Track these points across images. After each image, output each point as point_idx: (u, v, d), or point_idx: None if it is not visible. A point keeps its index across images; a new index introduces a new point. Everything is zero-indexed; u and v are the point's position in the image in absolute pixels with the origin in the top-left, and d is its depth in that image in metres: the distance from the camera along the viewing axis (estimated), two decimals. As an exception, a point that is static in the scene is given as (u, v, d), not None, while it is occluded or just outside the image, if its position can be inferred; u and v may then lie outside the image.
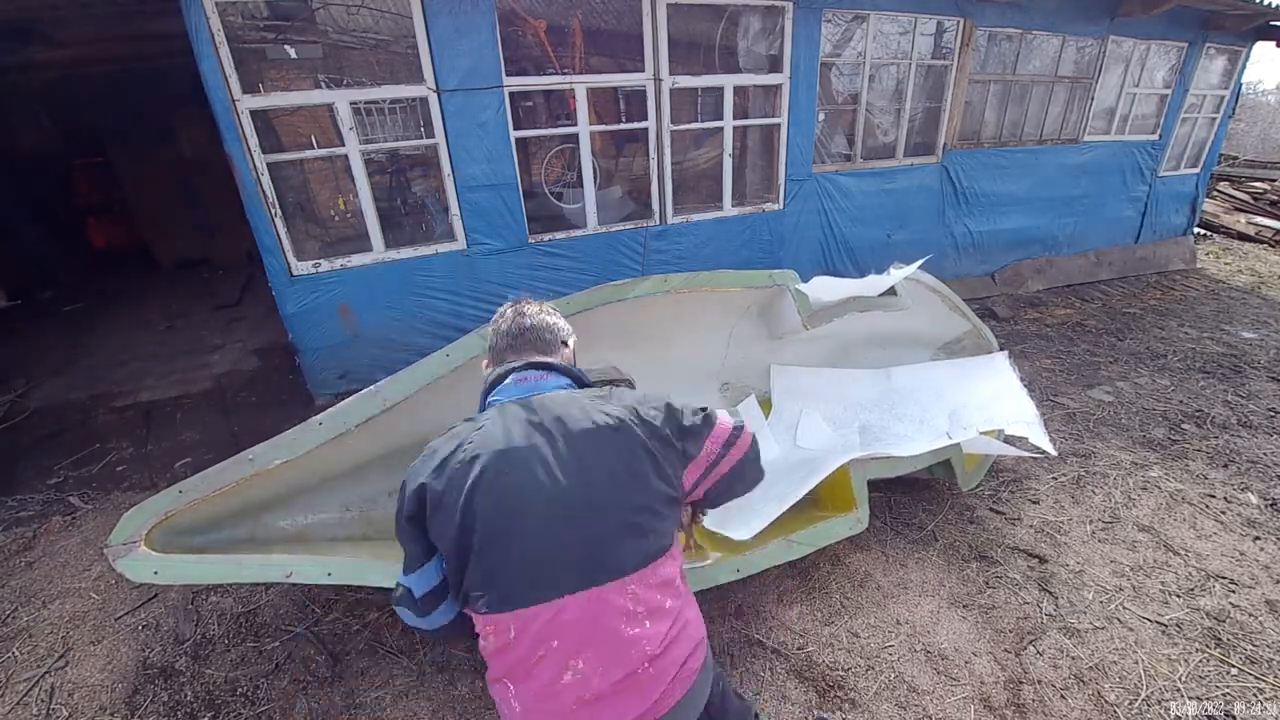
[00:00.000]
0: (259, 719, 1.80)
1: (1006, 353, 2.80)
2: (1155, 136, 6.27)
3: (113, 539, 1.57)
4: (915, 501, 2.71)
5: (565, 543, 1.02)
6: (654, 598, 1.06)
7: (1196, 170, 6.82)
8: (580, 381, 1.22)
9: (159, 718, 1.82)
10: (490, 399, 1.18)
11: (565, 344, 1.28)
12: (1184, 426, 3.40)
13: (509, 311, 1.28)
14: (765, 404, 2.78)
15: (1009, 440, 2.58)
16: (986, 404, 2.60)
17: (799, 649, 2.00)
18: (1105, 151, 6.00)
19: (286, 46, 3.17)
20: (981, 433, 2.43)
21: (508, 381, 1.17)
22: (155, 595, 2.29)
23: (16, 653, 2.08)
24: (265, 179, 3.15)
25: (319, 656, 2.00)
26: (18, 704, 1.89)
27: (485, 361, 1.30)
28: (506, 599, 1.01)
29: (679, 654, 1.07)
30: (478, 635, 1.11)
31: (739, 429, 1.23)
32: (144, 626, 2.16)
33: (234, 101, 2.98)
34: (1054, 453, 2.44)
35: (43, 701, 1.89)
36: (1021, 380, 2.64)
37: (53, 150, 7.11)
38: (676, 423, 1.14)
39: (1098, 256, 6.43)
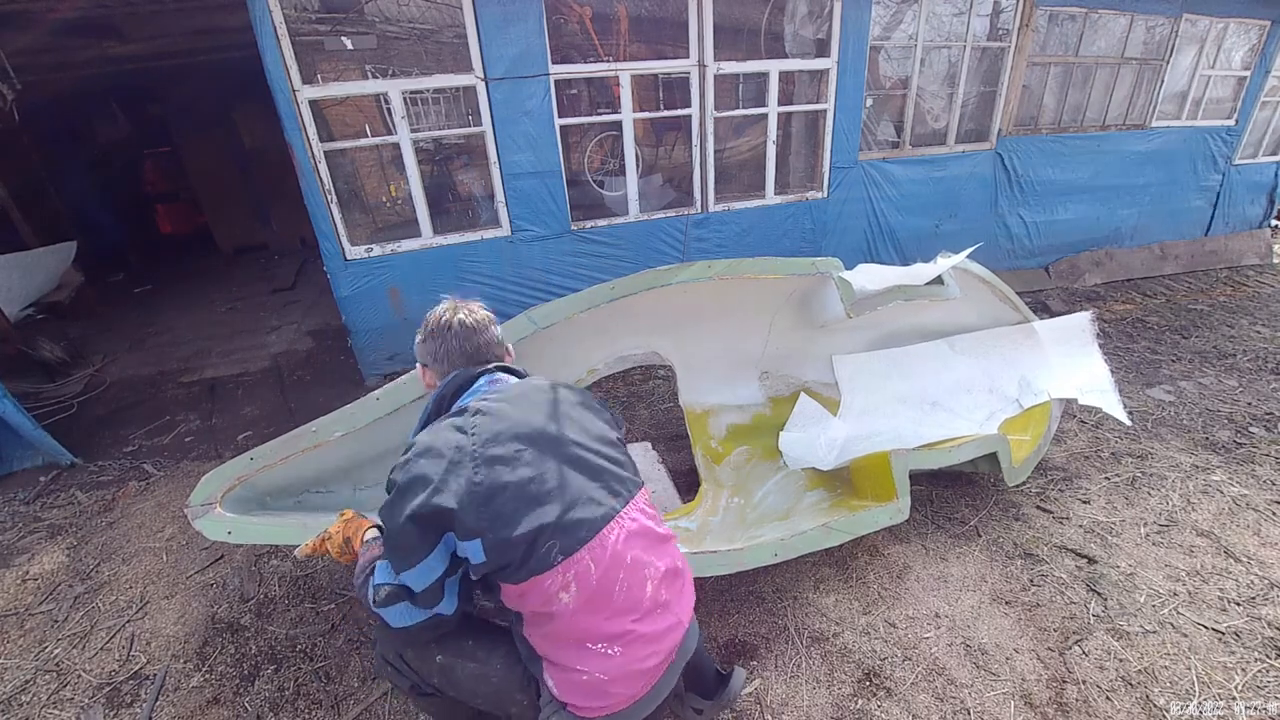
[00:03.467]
0: (317, 674, 1.92)
1: (1091, 313, 2.73)
2: (1231, 121, 5.88)
3: (192, 500, 1.69)
4: (958, 496, 2.65)
5: (589, 475, 1.20)
6: (655, 512, 1.32)
7: (1276, 158, 6.38)
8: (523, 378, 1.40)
9: (227, 667, 1.96)
10: (462, 401, 1.28)
11: (508, 349, 1.46)
12: (1251, 430, 3.22)
13: (454, 323, 1.35)
14: (811, 394, 2.77)
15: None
16: (1059, 370, 2.56)
17: (835, 636, 2.00)
18: (1175, 137, 5.67)
19: (344, 38, 3.28)
20: (1053, 399, 2.42)
21: (480, 383, 1.31)
22: (222, 556, 2.45)
23: (100, 603, 2.26)
24: (322, 166, 3.28)
25: (371, 620, 2.11)
26: (101, 649, 2.06)
27: (422, 370, 1.41)
28: (575, 538, 1.13)
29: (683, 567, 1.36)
30: (519, 615, 1.22)
31: None
32: (212, 585, 2.32)
33: (294, 92, 3.10)
34: (1128, 422, 2.48)
35: (124, 648, 2.06)
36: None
37: (125, 141, 7.54)
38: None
39: (1162, 249, 6.10)
